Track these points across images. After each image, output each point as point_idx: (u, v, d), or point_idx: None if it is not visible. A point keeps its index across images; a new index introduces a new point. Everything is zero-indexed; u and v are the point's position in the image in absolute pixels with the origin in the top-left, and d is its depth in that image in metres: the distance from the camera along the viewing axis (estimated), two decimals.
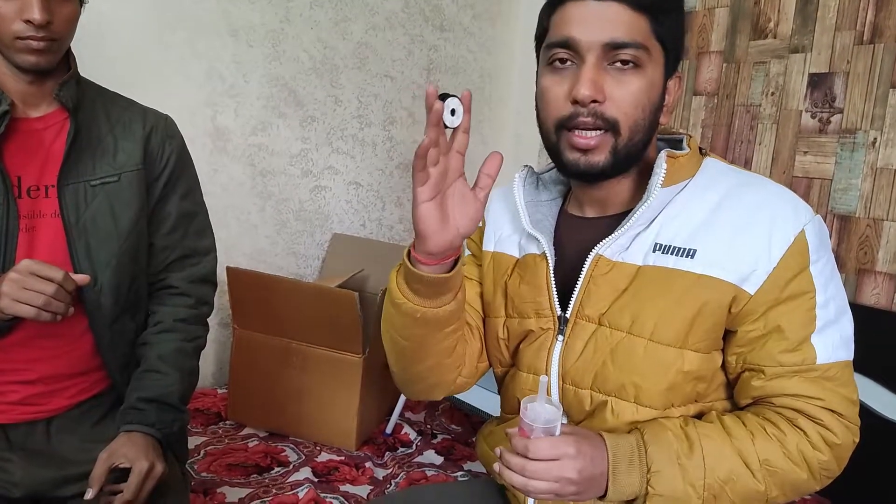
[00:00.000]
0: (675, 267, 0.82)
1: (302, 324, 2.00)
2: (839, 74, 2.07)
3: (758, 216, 0.81)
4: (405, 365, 0.96)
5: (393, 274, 0.87)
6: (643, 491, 0.77)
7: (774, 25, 2.24)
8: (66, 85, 1.07)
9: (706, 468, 0.78)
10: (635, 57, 0.80)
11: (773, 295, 0.80)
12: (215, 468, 1.83)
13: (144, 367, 1.16)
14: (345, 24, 2.56)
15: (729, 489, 0.78)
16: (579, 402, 0.88)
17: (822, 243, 0.83)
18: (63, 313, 0.97)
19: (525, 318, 0.93)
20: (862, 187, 2.02)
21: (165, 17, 2.17)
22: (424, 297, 0.84)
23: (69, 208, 1.07)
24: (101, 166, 1.12)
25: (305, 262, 2.62)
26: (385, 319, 0.92)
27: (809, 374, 0.80)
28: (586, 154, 0.83)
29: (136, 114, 1.19)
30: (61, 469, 1.09)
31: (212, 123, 2.32)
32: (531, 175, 0.98)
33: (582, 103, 0.80)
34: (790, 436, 0.80)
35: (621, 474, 0.77)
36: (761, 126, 2.27)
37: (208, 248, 1.29)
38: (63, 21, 1.02)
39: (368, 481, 1.86)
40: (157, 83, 2.16)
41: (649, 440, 0.79)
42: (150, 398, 1.12)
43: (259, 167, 2.45)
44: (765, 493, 0.79)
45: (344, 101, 2.62)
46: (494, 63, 3.02)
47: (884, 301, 1.97)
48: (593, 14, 0.80)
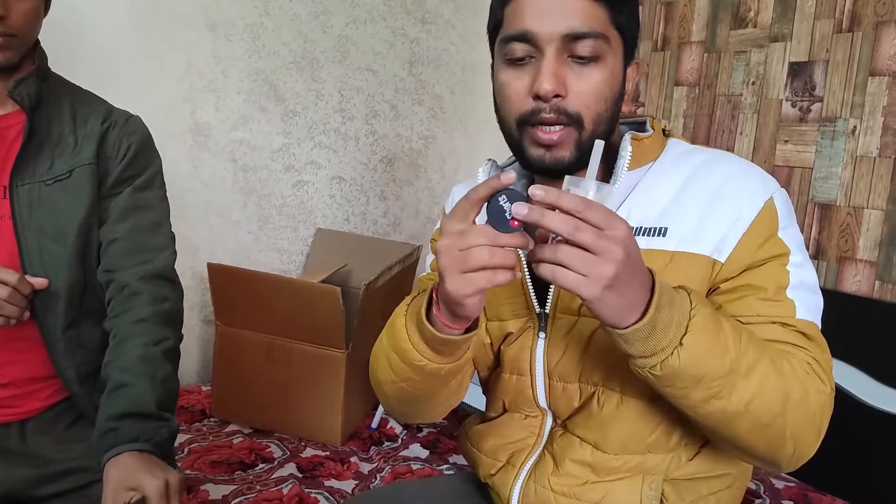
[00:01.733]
0: (648, 247, 0.80)
1: (285, 320, 1.98)
2: (819, 63, 2.07)
3: (725, 189, 0.80)
4: (414, 410, 0.93)
5: (402, 331, 0.80)
6: (682, 331, 0.68)
7: (755, 15, 2.24)
8: (24, 82, 1.04)
9: (739, 336, 0.71)
10: (596, 48, 0.78)
11: (747, 259, 0.79)
12: (199, 465, 1.82)
13: (110, 385, 1.02)
14: (325, 17, 2.54)
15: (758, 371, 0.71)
16: (568, 398, 0.87)
17: (790, 213, 0.82)
18: (17, 317, 0.95)
19: (503, 321, 0.91)
20: (842, 175, 2.03)
21: (142, 11, 2.14)
22: (447, 355, 0.79)
23: (21, 209, 1.04)
24: (59, 164, 1.07)
25: (289, 257, 2.61)
26: (392, 372, 0.85)
27: (789, 326, 0.78)
28: (551, 150, 0.80)
29: (99, 111, 1.14)
30: (38, 468, 1.07)
31: (191, 119, 2.29)
32: (495, 169, 0.95)
33: (544, 98, 0.78)
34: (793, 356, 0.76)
35: (664, 305, 0.67)
36: (742, 115, 2.27)
37: (163, 246, 1.17)
38: (20, 16, 0.98)
39: (353, 476, 1.85)
40: (135, 79, 2.13)
41: (689, 289, 0.72)
42: (122, 414, 0.98)
43: (240, 163, 2.43)
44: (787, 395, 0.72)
45: (325, 95, 2.60)
46: (477, 56, 3.00)
47: (864, 288, 1.98)
48: (550, 5, 0.77)
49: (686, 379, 0.70)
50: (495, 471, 0.93)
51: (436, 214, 3.01)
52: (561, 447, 0.88)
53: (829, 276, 2.05)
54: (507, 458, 0.92)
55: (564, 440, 0.88)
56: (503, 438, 0.94)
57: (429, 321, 0.76)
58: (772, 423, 0.73)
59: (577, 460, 0.86)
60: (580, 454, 0.86)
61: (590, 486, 0.85)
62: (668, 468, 0.84)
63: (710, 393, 0.71)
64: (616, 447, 0.84)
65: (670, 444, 0.84)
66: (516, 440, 0.92)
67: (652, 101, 2.55)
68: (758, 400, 0.71)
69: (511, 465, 0.91)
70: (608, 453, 0.85)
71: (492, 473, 0.94)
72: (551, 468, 0.87)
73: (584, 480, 0.85)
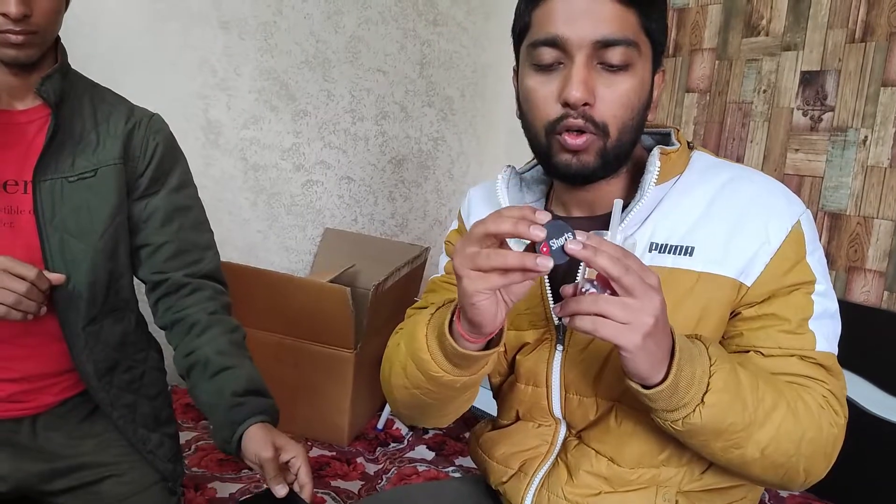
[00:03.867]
0: (675, 266, 0.79)
1: (293, 319, 1.99)
2: (831, 72, 2.07)
3: (752, 209, 0.80)
4: (423, 416, 0.93)
5: (422, 341, 0.79)
6: (703, 388, 0.69)
7: (767, 23, 2.24)
8: (50, 79, 1.04)
9: (757, 385, 0.73)
10: (626, 56, 0.76)
11: (773, 285, 0.78)
12: (206, 463, 1.83)
13: (212, 369, 1.08)
14: (337, 18, 2.55)
15: (774, 418, 0.73)
16: (584, 411, 0.86)
17: (815, 236, 0.82)
18: (34, 312, 0.95)
19: (521, 331, 0.89)
20: (852, 185, 2.02)
21: (156, 8, 2.15)
22: (465, 368, 0.78)
23: (44, 204, 1.04)
24: (81, 162, 1.08)
25: (297, 256, 2.61)
26: (406, 379, 0.84)
27: (807, 359, 0.78)
28: (577, 155, 0.79)
29: (121, 110, 1.14)
30: (49, 463, 1.08)
31: (203, 116, 2.30)
32: (514, 175, 0.93)
33: (573, 106, 0.76)
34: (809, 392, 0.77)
35: (685, 364, 0.68)
36: (753, 123, 2.27)
37: (208, 244, 1.21)
38: (43, 14, 0.99)
39: (360, 476, 1.86)
40: (148, 75, 2.14)
41: (707, 341, 0.73)
42: (244, 391, 1.05)
43: (251, 161, 2.44)
44: (801, 435, 0.74)
45: (336, 95, 2.61)
46: (488, 58, 3.01)
47: (873, 299, 1.98)
48: (581, 9, 0.75)
49: (706, 433, 0.72)
50: (507, 478, 0.93)
51: (443, 216, 3.02)
52: (576, 458, 0.87)
53: (838, 286, 2.05)
54: (519, 465, 0.92)
55: (579, 451, 0.87)
56: (515, 446, 0.93)
57: (451, 335, 0.76)
58: (786, 462, 0.75)
59: (592, 472, 0.85)
60: (596, 467, 0.85)
61: (604, 496, 0.84)
62: (682, 481, 0.84)
63: (729, 444, 0.73)
64: (632, 462, 0.84)
65: (683, 460, 0.84)
66: (529, 448, 0.92)
67: (662, 107, 2.55)
68: (773, 444, 0.73)
69: (523, 473, 0.91)
70: (624, 467, 0.84)
71: (503, 481, 0.93)
72: (565, 478, 0.87)
73: (597, 491, 0.85)
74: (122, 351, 1.15)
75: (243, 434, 1.00)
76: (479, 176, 3.06)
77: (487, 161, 3.08)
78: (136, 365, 1.18)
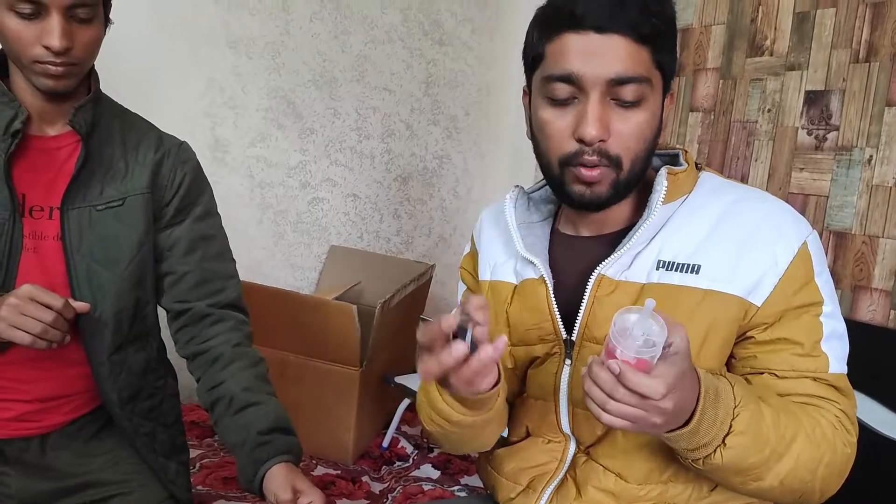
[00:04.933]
0: (682, 283, 0.81)
1: (299, 336, 1.99)
2: (835, 92, 2.08)
3: (760, 229, 0.81)
4: (458, 447, 0.98)
5: (435, 393, 0.83)
6: (725, 430, 0.70)
7: (771, 43, 2.25)
8: (82, 109, 1.04)
9: (779, 420, 0.74)
10: (639, 92, 0.78)
11: (782, 305, 0.79)
12: (211, 481, 1.82)
13: (238, 404, 1.08)
14: (344, 37, 2.57)
15: (794, 449, 0.74)
16: (591, 426, 0.87)
17: (822, 257, 0.83)
18: (59, 341, 0.94)
19: (531, 346, 0.91)
20: (858, 204, 2.03)
21: (165, 27, 2.18)
22: (478, 409, 0.83)
23: (72, 233, 1.03)
24: (109, 191, 1.07)
25: (303, 273, 2.62)
26: (433, 423, 0.88)
27: (821, 380, 0.80)
28: (591, 187, 0.81)
29: (150, 138, 1.14)
30: (57, 481, 1.08)
31: (211, 134, 2.32)
32: (522, 195, 0.96)
33: (589, 143, 0.79)
34: (822, 415, 0.79)
35: (709, 407, 0.70)
36: (757, 142, 2.28)
37: (230, 273, 1.22)
38: (83, 46, 0.99)
39: (365, 496, 1.85)
40: (157, 94, 2.16)
41: (733, 380, 0.75)
42: (270, 428, 1.05)
43: (257, 179, 2.45)
44: (819, 461, 0.76)
45: (342, 113, 2.62)
46: (493, 77, 3.03)
47: (879, 318, 1.98)
48: (596, 48, 0.77)
49: (727, 472, 0.74)
50: (515, 494, 0.93)
51: (448, 234, 3.02)
52: (584, 473, 0.88)
53: (844, 305, 2.05)
54: (527, 482, 0.92)
55: (587, 467, 0.88)
56: (525, 462, 0.94)
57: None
58: (803, 486, 0.77)
59: (600, 488, 0.86)
60: (604, 483, 0.86)
61: None
62: (690, 498, 0.84)
63: (749, 478, 0.75)
64: (639, 478, 0.84)
65: (690, 476, 0.84)
66: (538, 464, 0.92)
67: (666, 125, 2.56)
68: (792, 474, 0.75)
69: (532, 490, 0.91)
70: (631, 483, 0.85)
71: (512, 497, 0.93)
72: (573, 494, 0.87)
73: None
74: (145, 378, 1.15)
75: (266, 473, 1.00)
76: (483, 194, 3.07)
77: (491, 179, 3.09)
78: (157, 392, 1.18)
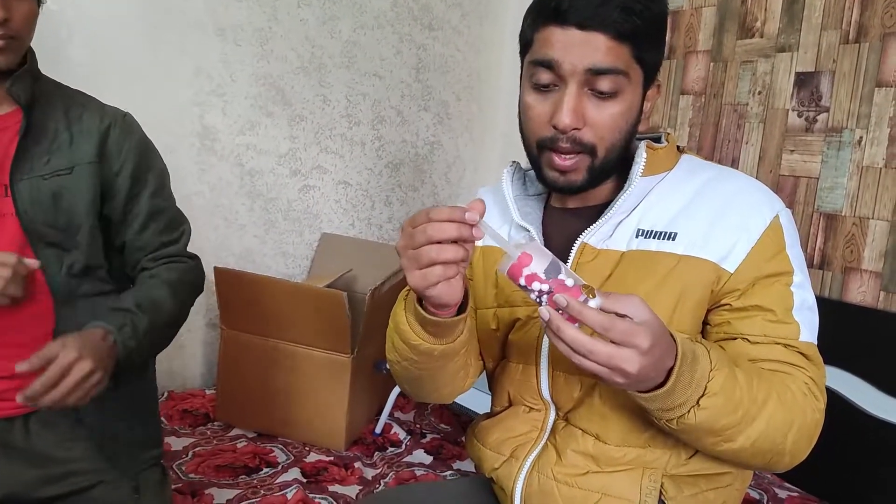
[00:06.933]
0: (658, 249, 0.85)
1: (290, 324, 1.99)
2: (825, 73, 2.08)
3: (734, 202, 0.86)
4: (422, 390, 1.00)
5: (402, 314, 0.87)
6: (700, 391, 0.73)
7: (761, 24, 2.25)
8: (20, 79, 1.07)
9: (751, 383, 0.76)
10: (615, 84, 0.82)
11: (754, 273, 0.83)
12: (203, 469, 1.82)
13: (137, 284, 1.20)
14: (332, 23, 2.55)
15: (766, 412, 0.77)
16: (569, 389, 0.90)
17: (794, 232, 0.87)
18: (20, 296, 1.00)
19: (515, 307, 0.95)
20: (848, 186, 2.03)
21: (152, 15, 2.15)
22: (440, 336, 0.86)
23: (24, 204, 1.08)
24: (56, 161, 1.11)
25: (294, 261, 2.61)
26: (396, 352, 0.92)
27: (791, 347, 0.83)
28: (565, 174, 0.86)
29: (93, 110, 1.18)
30: (41, 468, 1.09)
31: (199, 123, 2.30)
32: (518, 171, 1.01)
33: (562, 131, 0.83)
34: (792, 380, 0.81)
35: (685, 370, 0.72)
36: (748, 125, 2.28)
37: (180, 237, 1.29)
38: (21, 19, 1.02)
39: (358, 481, 1.85)
40: (144, 82, 2.14)
41: (709, 345, 0.77)
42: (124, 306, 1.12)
43: (247, 167, 2.44)
44: (790, 424, 0.78)
45: (332, 100, 2.61)
46: (483, 62, 3.01)
47: (869, 299, 1.98)
48: (576, 41, 0.81)
49: (699, 432, 0.76)
50: (499, 465, 0.96)
51: None
52: (563, 438, 0.91)
53: (835, 287, 2.05)
54: (510, 451, 0.95)
55: (567, 432, 0.91)
56: (507, 432, 0.97)
57: (422, 307, 0.82)
58: (773, 448, 0.79)
59: (579, 451, 0.89)
60: (582, 445, 0.89)
61: (591, 475, 0.88)
62: (668, 464, 0.87)
63: (720, 439, 0.77)
64: (617, 439, 0.88)
65: (669, 442, 0.87)
66: (520, 434, 0.96)
67: (658, 109, 2.55)
68: (763, 436, 0.77)
69: (514, 458, 0.94)
70: (609, 444, 0.88)
71: (496, 467, 0.96)
72: (554, 459, 0.90)
73: (585, 470, 0.88)
74: None
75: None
76: (474, 180, 3.06)
77: (483, 164, 3.08)
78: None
